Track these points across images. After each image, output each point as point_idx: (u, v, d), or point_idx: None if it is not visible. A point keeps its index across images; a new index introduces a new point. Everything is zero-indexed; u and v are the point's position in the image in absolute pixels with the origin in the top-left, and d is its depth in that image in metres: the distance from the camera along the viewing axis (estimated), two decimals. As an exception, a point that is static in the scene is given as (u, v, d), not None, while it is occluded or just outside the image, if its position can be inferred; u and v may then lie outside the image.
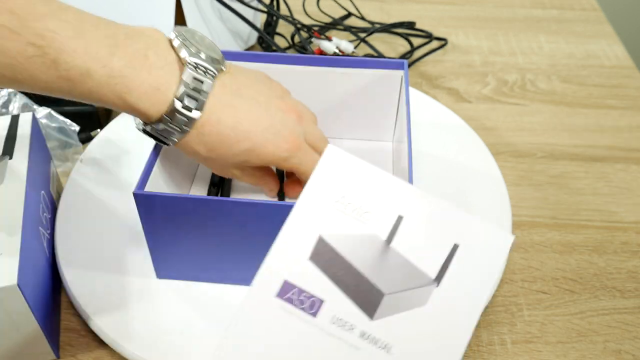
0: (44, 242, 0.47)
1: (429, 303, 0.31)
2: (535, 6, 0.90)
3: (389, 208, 0.32)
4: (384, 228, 0.32)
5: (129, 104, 0.38)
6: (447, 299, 0.31)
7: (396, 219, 0.32)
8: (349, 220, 0.32)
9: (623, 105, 0.71)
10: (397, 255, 0.32)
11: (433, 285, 0.31)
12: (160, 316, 0.45)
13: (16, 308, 0.39)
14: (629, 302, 0.49)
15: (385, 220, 0.32)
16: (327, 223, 0.32)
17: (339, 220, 0.32)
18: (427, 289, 0.31)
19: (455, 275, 0.31)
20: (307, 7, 0.84)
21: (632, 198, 0.59)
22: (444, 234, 0.32)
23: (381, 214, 0.32)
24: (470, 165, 0.59)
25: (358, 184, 0.33)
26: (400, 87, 0.55)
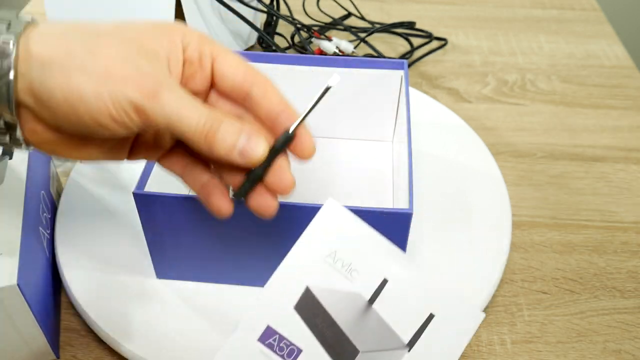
0: (44, 242, 0.47)
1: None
2: (535, 6, 0.90)
3: (376, 270, 0.34)
4: (368, 288, 0.34)
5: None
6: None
7: (381, 281, 0.34)
8: (337, 276, 0.34)
9: (623, 105, 0.71)
10: (376, 317, 0.34)
11: (405, 349, 0.33)
12: (160, 316, 0.45)
13: (16, 308, 0.39)
14: (629, 302, 0.49)
15: (371, 281, 0.34)
16: (316, 275, 0.34)
17: (327, 275, 0.34)
18: (399, 352, 0.33)
19: (426, 343, 0.33)
20: (307, 7, 0.84)
21: (632, 198, 0.59)
22: (423, 303, 0.34)
23: (368, 274, 0.34)
24: (470, 165, 0.59)
25: (350, 241, 0.34)
26: (400, 87, 0.55)
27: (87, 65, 0.29)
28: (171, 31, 0.32)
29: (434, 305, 0.34)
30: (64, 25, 0.31)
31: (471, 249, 0.51)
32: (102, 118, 0.29)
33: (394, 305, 0.34)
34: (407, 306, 0.34)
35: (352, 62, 0.54)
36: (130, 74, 0.29)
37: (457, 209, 0.54)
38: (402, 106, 0.53)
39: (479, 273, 0.49)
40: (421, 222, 0.53)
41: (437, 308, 0.34)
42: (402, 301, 0.34)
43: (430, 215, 0.53)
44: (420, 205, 0.54)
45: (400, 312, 0.34)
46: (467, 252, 0.50)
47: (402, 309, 0.34)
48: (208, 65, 0.33)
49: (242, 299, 0.46)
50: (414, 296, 0.34)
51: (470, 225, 0.53)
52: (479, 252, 0.51)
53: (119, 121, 0.30)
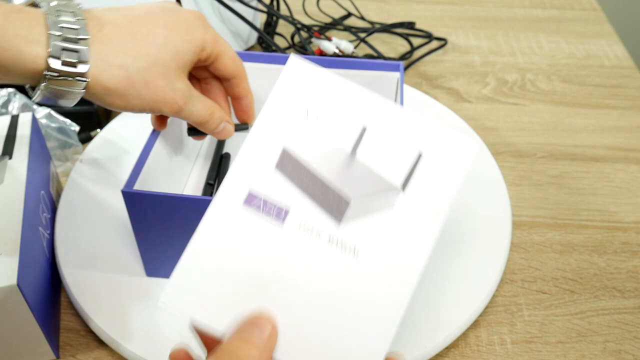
0: (44, 242, 0.47)
1: (395, 209, 0.32)
2: (535, 6, 0.90)
3: (353, 119, 0.32)
4: (348, 139, 0.32)
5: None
6: (412, 205, 0.32)
7: (361, 130, 0.32)
8: (313, 132, 0.32)
9: (623, 105, 0.71)
10: (361, 165, 0.32)
11: (398, 191, 0.32)
12: (160, 316, 0.45)
13: (16, 308, 0.39)
14: (629, 302, 0.49)
15: (350, 131, 0.32)
16: (291, 135, 0.32)
17: (303, 132, 0.32)
18: (392, 195, 0.32)
19: (420, 182, 0.32)
20: (307, 7, 0.84)
21: (632, 198, 0.59)
22: (409, 143, 0.32)
23: (345, 125, 0.32)
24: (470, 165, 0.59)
25: (322, 94, 0.32)
26: (396, 88, 0.55)
27: (142, 94, 0.39)
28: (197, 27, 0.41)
29: (422, 144, 0.32)
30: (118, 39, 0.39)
31: (471, 249, 0.51)
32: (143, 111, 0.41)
33: (378, 151, 0.32)
34: (392, 149, 0.32)
35: (349, 64, 0.54)
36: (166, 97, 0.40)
37: (457, 209, 0.54)
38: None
39: (479, 273, 0.49)
40: (421, 222, 0.53)
41: (425, 146, 0.32)
42: (386, 145, 0.32)
43: (430, 215, 0.53)
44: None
45: (386, 157, 0.32)
46: (467, 252, 0.50)
47: (388, 153, 0.32)
48: (210, 62, 0.43)
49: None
50: (397, 138, 0.32)
51: (470, 225, 0.53)
52: (479, 252, 0.51)
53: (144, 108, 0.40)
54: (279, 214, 0.31)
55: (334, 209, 0.32)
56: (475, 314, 0.46)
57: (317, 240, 0.31)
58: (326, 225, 0.31)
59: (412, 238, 0.31)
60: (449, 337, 0.45)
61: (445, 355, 0.45)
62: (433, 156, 0.32)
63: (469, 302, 0.47)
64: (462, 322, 0.45)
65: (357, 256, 0.31)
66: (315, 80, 0.33)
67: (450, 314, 0.46)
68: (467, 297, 0.47)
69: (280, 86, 0.33)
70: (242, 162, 0.32)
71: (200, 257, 0.31)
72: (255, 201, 0.32)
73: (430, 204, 0.31)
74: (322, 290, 0.30)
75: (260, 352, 0.28)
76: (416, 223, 0.31)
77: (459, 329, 0.45)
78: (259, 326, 0.29)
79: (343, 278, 0.30)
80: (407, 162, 0.32)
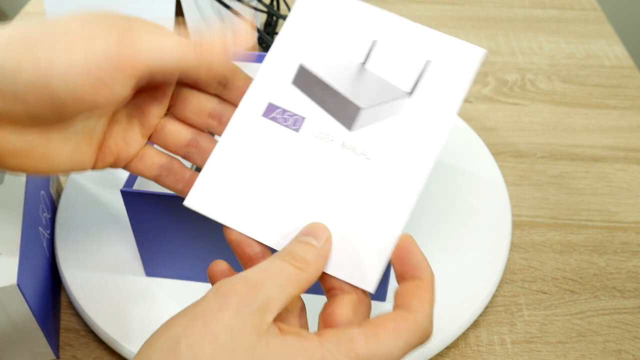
0: (44, 242, 0.47)
1: (402, 113, 0.34)
2: (535, 6, 0.90)
3: (364, 34, 0.35)
4: (359, 52, 0.35)
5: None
6: (420, 108, 0.34)
7: (371, 43, 0.35)
8: (327, 48, 0.35)
9: (623, 105, 0.71)
10: (372, 75, 0.35)
11: (405, 96, 0.34)
12: (160, 316, 0.45)
13: (16, 308, 0.39)
14: (629, 302, 0.49)
15: (361, 45, 0.35)
16: (307, 52, 0.35)
17: (318, 50, 0.35)
18: (400, 100, 0.34)
19: (427, 87, 0.34)
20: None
21: (632, 198, 0.59)
22: (417, 52, 0.34)
23: (357, 40, 0.35)
24: (470, 165, 0.59)
25: (334, 15, 0.35)
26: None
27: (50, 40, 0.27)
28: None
29: (429, 52, 0.34)
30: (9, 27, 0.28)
31: (471, 249, 0.51)
32: (80, 89, 0.28)
33: (388, 61, 0.35)
34: (401, 59, 0.34)
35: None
36: (96, 31, 0.28)
37: (457, 209, 0.54)
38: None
39: (479, 273, 0.49)
40: (421, 222, 0.53)
41: (432, 54, 0.34)
42: (395, 56, 0.35)
43: (430, 215, 0.53)
44: (420, 205, 0.54)
45: (395, 66, 0.34)
46: (467, 252, 0.50)
47: (397, 63, 0.34)
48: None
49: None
50: (406, 49, 0.35)
51: (470, 225, 0.53)
52: (479, 252, 0.51)
53: (98, 87, 0.28)
54: (296, 123, 0.34)
55: (346, 117, 0.34)
56: (475, 314, 0.46)
57: (330, 145, 0.33)
58: (339, 132, 0.34)
59: (419, 142, 0.33)
60: (449, 337, 0.45)
61: (445, 355, 0.45)
62: (441, 62, 0.34)
63: (469, 302, 0.47)
64: (462, 322, 0.45)
65: (368, 158, 0.33)
66: (327, 3, 0.36)
67: (450, 314, 0.46)
68: (467, 297, 0.47)
69: (296, 11, 0.36)
70: (261, 79, 0.35)
71: (224, 163, 0.34)
72: (274, 111, 0.34)
73: (438, 108, 0.33)
74: (340, 187, 0.33)
75: (317, 254, 0.30)
76: (424, 127, 0.33)
77: (459, 329, 0.45)
78: (315, 234, 0.31)
79: (358, 175, 0.33)
80: (416, 70, 0.34)
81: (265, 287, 0.27)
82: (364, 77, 0.35)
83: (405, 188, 0.32)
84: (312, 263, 0.29)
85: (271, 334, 0.26)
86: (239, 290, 0.26)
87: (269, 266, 0.28)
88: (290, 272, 0.28)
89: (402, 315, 0.28)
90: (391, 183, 0.33)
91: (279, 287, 0.27)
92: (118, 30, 0.29)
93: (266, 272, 0.28)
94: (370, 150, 0.33)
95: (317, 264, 0.30)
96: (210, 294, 0.26)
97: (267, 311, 0.26)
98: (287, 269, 0.28)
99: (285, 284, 0.27)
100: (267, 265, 0.28)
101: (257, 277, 0.27)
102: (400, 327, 0.27)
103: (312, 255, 0.30)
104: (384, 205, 0.32)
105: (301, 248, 0.30)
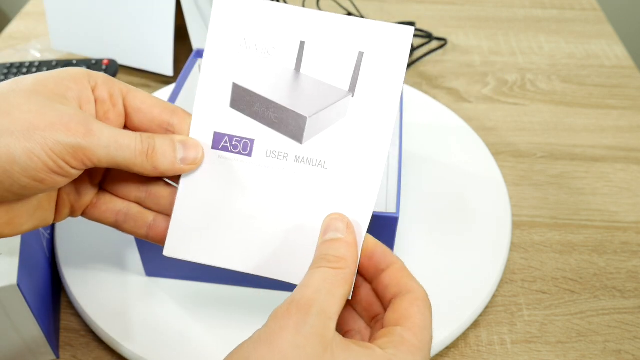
0: (43, 242, 0.47)
1: (349, 113, 0.33)
2: (535, 6, 0.90)
3: (290, 37, 0.33)
4: (290, 57, 0.33)
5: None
6: (364, 105, 0.33)
7: (299, 45, 0.33)
8: (256, 60, 0.34)
9: (623, 105, 0.71)
10: (308, 79, 0.34)
11: (349, 95, 0.33)
12: (160, 316, 0.45)
13: (16, 308, 0.39)
14: (629, 302, 0.49)
15: (290, 49, 0.33)
16: (237, 68, 0.34)
17: (247, 62, 0.34)
18: (344, 101, 0.33)
19: (366, 80, 0.33)
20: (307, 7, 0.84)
21: (632, 198, 0.59)
22: (348, 46, 0.33)
23: (285, 44, 0.33)
24: (470, 165, 0.59)
25: (256, 22, 0.33)
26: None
27: (7, 126, 0.28)
28: (75, 74, 0.32)
29: (360, 43, 0.33)
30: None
31: (471, 249, 0.51)
32: (39, 174, 0.29)
33: (322, 62, 0.33)
34: (333, 56, 0.33)
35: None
36: (54, 120, 0.29)
37: (457, 209, 0.54)
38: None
39: (479, 273, 0.49)
40: (421, 222, 0.53)
41: (363, 44, 0.33)
42: (327, 54, 0.33)
43: (430, 215, 0.53)
44: (420, 205, 0.54)
45: (331, 66, 0.33)
46: (467, 252, 0.50)
47: (330, 61, 0.33)
48: (120, 102, 0.33)
49: (241, 300, 0.46)
50: (336, 44, 0.33)
51: (470, 225, 0.53)
52: (479, 252, 0.51)
53: (56, 171, 0.29)
54: (245, 147, 0.34)
55: (293, 129, 0.33)
56: (475, 314, 0.46)
57: (285, 163, 0.33)
58: (290, 147, 0.33)
59: (370, 137, 0.33)
60: (449, 337, 0.45)
61: (445, 355, 0.45)
62: (374, 51, 0.33)
63: (469, 302, 0.47)
64: (462, 322, 0.45)
65: (325, 168, 0.33)
66: (245, 10, 0.34)
67: (450, 314, 0.46)
68: (467, 297, 0.47)
69: (214, 25, 0.34)
70: (199, 108, 0.34)
71: (189, 207, 0.34)
72: (222, 141, 0.34)
73: (381, 100, 0.33)
74: (302, 201, 0.33)
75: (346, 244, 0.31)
76: (371, 123, 0.33)
77: (459, 329, 0.45)
78: (334, 226, 0.32)
79: (317, 186, 0.33)
80: (350, 65, 0.33)
81: (315, 300, 0.28)
82: (301, 84, 0.34)
83: (365, 190, 0.33)
84: (346, 255, 0.30)
85: (336, 343, 0.27)
86: (292, 312, 0.27)
87: (310, 279, 0.29)
88: (331, 275, 0.29)
89: (412, 299, 0.30)
90: (351, 188, 0.33)
91: (328, 295, 0.28)
92: (78, 119, 0.30)
93: (310, 286, 0.28)
94: (327, 159, 0.33)
95: (351, 254, 0.30)
96: (269, 321, 0.28)
97: (328, 320, 0.27)
98: (327, 274, 0.29)
99: (331, 288, 0.28)
100: (309, 279, 0.29)
101: (305, 294, 0.28)
102: (420, 308, 0.30)
103: (343, 249, 0.30)
104: (347, 210, 0.33)
105: (329, 247, 0.31)
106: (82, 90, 0.32)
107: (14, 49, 0.77)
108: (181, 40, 0.73)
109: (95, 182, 0.35)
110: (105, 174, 0.35)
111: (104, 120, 0.33)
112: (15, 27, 0.83)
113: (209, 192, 0.34)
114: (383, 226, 0.40)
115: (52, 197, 0.34)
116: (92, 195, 0.35)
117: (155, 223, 0.35)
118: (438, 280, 0.48)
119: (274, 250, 0.33)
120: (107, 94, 0.33)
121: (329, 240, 0.31)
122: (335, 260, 0.30)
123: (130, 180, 0.35)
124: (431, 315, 0.30)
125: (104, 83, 0.33)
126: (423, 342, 0.28)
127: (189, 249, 0.34)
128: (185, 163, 0.33)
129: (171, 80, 0.71)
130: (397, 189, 0.42)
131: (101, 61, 0.66)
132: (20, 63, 0.65)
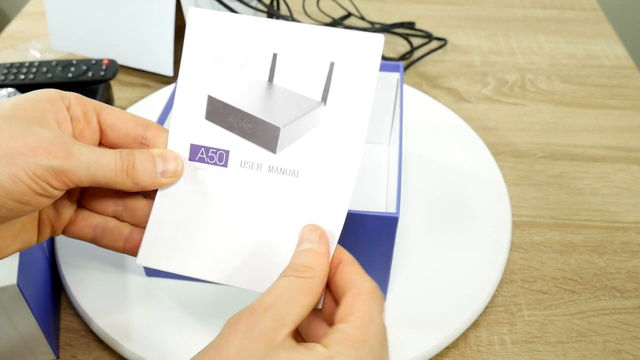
0: (43, 242, 0.47)
1: (322, 123, 0.33)
2: (535, 6, 0.90)
3: (263, 49, 0.34)
4: (263, 69, 0.34)
5: None
6: (336, 114, 0.33)
7: (272, 57, 0.34)
8: (230, 72, 0.34)
9: (623, 105, 0.71)
10: (281, 90, 0.34)
11: (321, 105, 0.33)
12: (159, 316, 0.45)
13: (16, 308, 0.39)
14: (629, 302, 0.49)
15: (263, 61, 0.34)
16: (211, 81, 0.34)
17: (221, 75, 0.34)
18: (316, 111, 0.33)
19: (338, 90, 0.33)
20: (307, 7, 0.84)
21: (632, 198, 0.59)
22: (319, 56, 0.33)
23: (257, 56, 0.34)
24: (470, 165, 0.59)
25: (229, 36, 0.34)
26: (396, 89, 0.55)
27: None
28: (49, 95, 0.33)
29: (331, 53, 0.33)
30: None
31: (471, 249, 0.51)
32: (24, 196, 0.30)
33: (294, 73, 0.34)
34: (306, 67, 0.34)
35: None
36: (34, 145, 0.30)
37: (457, 209, 0.54)
38: (397, 108, 0.53)
39: (479, 273, 0.49)
40: (421, 222, 0.53)
41: (334, 54, 0.33)
42: (298, 65, 0.34)
43: (430, 215, 0.53)
44: (420, 205, 0.54)
45: (302, 75, 0.34)
46: (467, 252, 0.50)
47: (302, 72, 0.34)
48: (94, 119, 0.34)
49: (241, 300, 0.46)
50: (307, 55, 0.33)
51: (470, 225, 0.53)
52: (479, 252, 0.51)
53: (41, 192, 0.30)
54: (221, 158, 0.34)
55: (267, 140, 0.34)
56: (475, 314, 0.46)
57: (259, 173, 0.34)
58: (264, 157, 0.34)
59: (343, 146, 0.33)
60: (449, 337, 0.45)
61: (445, 355, 0.45)
62: (345, 61, 0.33)
63: (469, 302, 0.47)
64: (462, 322, 0.45)
65: (298, 177, 0.33)
66: (219, 25, 0.34)
67: (450, 314, 0.46)
68: (467, 297, 0.47)
69: (189, 40, 0.35)
70: (176, 120, 0.35)
71: (164, 215, 0.34)
72: (198, 152, 0.34)
73: (354, 106, 0.33)
74: (276, 211, 0.33)
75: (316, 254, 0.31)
76: (344, 130, 0.33)
77: (459, 329, 0.45)
78: (308, 237, 0.32)
79: (290, 196, 0.33)
80: (322, 75, 0.33)
81: (273, 306, 0.28)
82: (274, 95, 0.34)
83: (337, 198, 0.33)
84: (315, 265, 0.30)
85: (285, 346, 0.27)
86: (244, 317, 0.28)
87: (274, 287, 0.29)
88: (296, 284, 0.29)
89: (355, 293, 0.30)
90: (323, 197, 0.33)
91: (289, 302, 0.28)
92: (58, 142, 0.30)
93: (272, 294, 0.29)
94: (300, 169, 0.33)
95: (320, 263, 0.31)
96: (223, 328, 0.28)
97: (282, 326, 0.27)
98: (292, 283, 0.29)
99: (294, 296, 0.29)
100: (272, 287, 0.29)
101: (265, 301, 0.28)
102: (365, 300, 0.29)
103: (313, 258, 0.31)
104: (320, 219, 0.33)
105: (300, 257, 0.31)
106: (58, 110, 0.32)
107: (14, 49, 0.78)
108: (181, 40, 0.72)
109: (74, 199, 0.36)
110: (83, 191, 0.36)
111: (80, 138, 0.33)
112: (15, 27, 0.83)
113: (184, 203, 0.34)
114: (383, 226, 0.40)
115: (34, 218, 0.34)
116: (71, 212, 0.36)
117: (132, 235, 0.35)
118: (438, 280, 0.48)
119: (247, 260, 0.33)
120: (81, 112, 0.33)
121: (301, 251, 0.31)
122: (302, 269, 0.30)
123: (108, 195, 0.36)
124: (380, 307, 0.29)
125: (77, 102, 0.33)
126: (367, 335, 0.28)
127: (161, 258, 0.34)
128: (166, 176, 0.34)
129: (171, 80, 0.71)
130: (397, 189, 0.42)
131: (101, 61, 0.66)
132: (20, 63, 0.65)
